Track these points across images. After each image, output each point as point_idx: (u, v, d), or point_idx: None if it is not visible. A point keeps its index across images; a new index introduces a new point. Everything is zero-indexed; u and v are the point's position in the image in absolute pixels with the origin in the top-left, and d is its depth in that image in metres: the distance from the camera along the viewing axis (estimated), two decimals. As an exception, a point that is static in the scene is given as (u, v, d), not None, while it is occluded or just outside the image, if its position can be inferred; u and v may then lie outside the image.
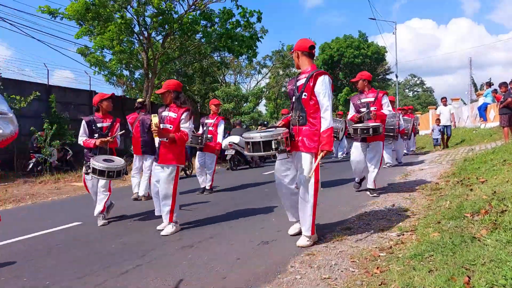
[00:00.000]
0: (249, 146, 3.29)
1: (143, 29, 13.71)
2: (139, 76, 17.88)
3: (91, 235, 4.40)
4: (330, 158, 12.91)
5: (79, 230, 4.70)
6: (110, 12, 12.54)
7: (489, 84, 13.88)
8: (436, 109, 26.22)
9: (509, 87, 9.14)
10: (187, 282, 2.78)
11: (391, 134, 8.71)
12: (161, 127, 4.12)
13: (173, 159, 4.17)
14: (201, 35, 14.65)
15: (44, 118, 11.31)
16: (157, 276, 2.92)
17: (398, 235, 3.52)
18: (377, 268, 2.73)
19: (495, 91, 12.82)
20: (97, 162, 4.43)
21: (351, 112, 5.78)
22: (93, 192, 4.91)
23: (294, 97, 3.51)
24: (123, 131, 5.04)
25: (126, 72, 16.57)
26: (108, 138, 4.79)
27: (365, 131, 5.35)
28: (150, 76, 14.29)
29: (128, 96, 19.31)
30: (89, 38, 13.91)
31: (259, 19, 14.67)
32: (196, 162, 6.92)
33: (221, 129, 6.82)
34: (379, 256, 3.01)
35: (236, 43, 14.48)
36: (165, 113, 4.26)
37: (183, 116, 4.19)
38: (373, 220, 4.17)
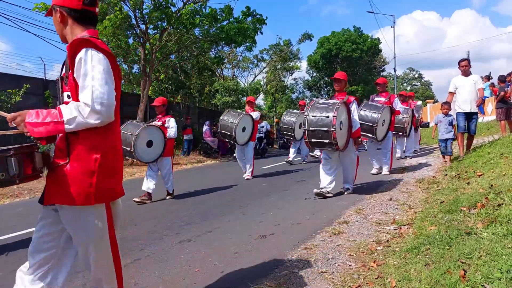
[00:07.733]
0: None
1: (140, 22, 13.65)
2: (137, 71, 17.85)
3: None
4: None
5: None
6: (106, 7, 12.44)
7: (488, 78, 13.87)
8: (434, 102, 25.92)
9: (506, 81, 9.14)
10: (185, 276, 2.79)
11: (328, 141, 4.81)
12: None
13: None
14: (199, 30, 14.78)
15: None
16: (155, 270, 2.94)
17: (395, 229, 3.54)
18: (374, 261, 2.75)
19: (492, 84, 12.83)
20: None
21: None
22: None
23: None
24: None
25: (124, 66, 16.57)
26: None
27: None
28: (147, 70, 14.26)
29: (126, 91, 19.23)
30: None
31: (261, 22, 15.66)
32: None
33: None
34: (376, 249, 3.03)
35: (240, 36, 14.82)
36: None
37: None
38: (370, 214, 4.19)
